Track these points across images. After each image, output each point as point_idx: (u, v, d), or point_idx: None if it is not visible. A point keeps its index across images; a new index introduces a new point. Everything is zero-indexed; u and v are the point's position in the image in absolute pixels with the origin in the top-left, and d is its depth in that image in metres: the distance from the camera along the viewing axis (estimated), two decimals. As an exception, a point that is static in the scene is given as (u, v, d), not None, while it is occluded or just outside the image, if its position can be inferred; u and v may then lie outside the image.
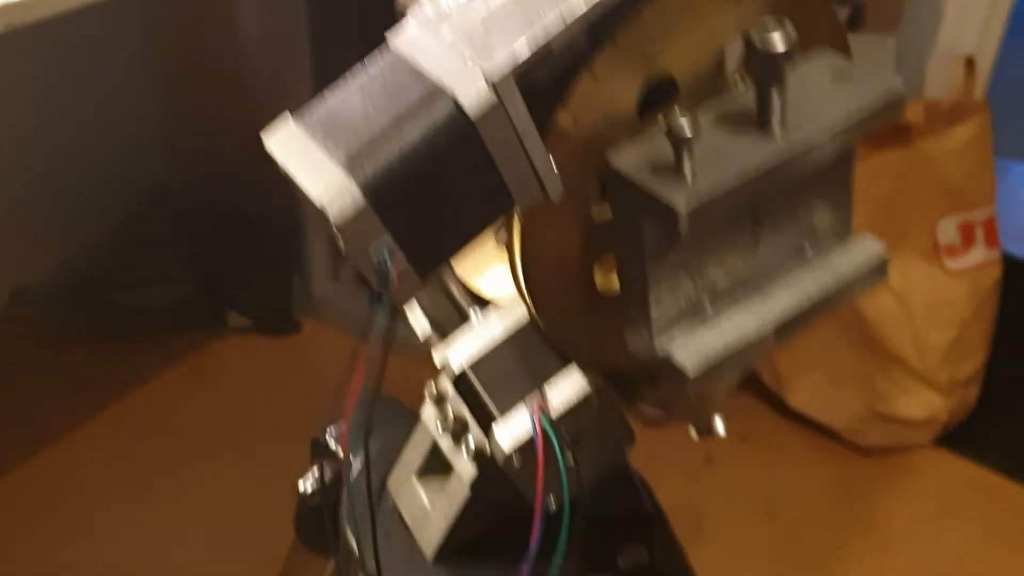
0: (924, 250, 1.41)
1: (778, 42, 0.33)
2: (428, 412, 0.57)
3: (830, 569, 1.34)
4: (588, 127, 0.36)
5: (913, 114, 1.40)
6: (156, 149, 1.70)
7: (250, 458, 1.41)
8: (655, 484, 1.54)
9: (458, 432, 0.53)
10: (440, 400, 0.54)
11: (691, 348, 0.38)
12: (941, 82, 1.45)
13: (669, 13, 0.36)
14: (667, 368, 0.38)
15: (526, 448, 0.42)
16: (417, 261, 0.33)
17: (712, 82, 0.37)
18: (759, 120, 0.35)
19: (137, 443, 1.50)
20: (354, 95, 0.33)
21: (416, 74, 0.32)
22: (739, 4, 0.37)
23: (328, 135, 0.32)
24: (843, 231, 0.41)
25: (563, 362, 0.44)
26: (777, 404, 1.53)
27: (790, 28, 0.34)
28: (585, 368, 0.43)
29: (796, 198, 0.39)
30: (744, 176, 0.34)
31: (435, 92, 0.31)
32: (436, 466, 0.58)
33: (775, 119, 0.35)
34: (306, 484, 0.64)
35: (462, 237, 0.34)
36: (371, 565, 0.56)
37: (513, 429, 0.42)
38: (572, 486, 0.43)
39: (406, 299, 0.33)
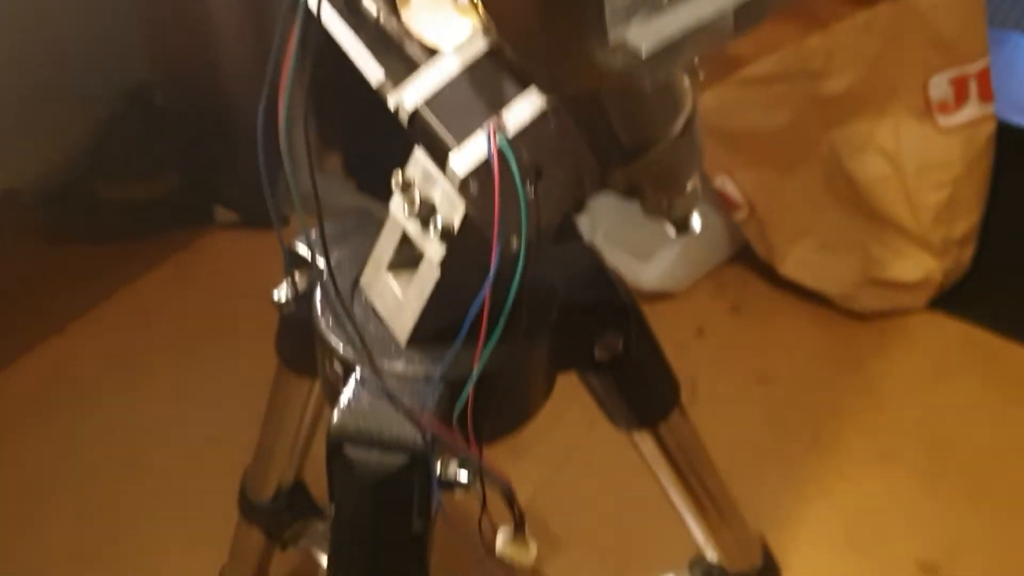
0: (916, 108, 1.39)
1: None
2: (395, 201, 0.56)
3: (824, 432, 1.34)
4: None
5: (902, -33, 1.37)
6: (138, 46, 1.68)
7: (243, 345, 1.41)
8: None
9: (425, 215, 0.52)
10: (406, 187, 0.53)
11: (645, 31, 0.36)
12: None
13: None
14: (622, 59, 0.37)
15: (483, 172, 0.41)
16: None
17: None
18: None
19: (132, 336, 1.50)
20: None
21: None
22: None
23: None
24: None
25: (521, 87, 0.42)
26: (769, 274, 1.52)
27: None
28: (544, 90, 0.42)
29: None
30: None
31: None
32: (407, 259, 0.57)
33: None
34: (280, 293, 0.63)
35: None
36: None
37: (469, 152, 0.41)
38: (534, 217, 0.42)
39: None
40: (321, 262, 0.63)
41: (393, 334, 0.58)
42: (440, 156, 0.43)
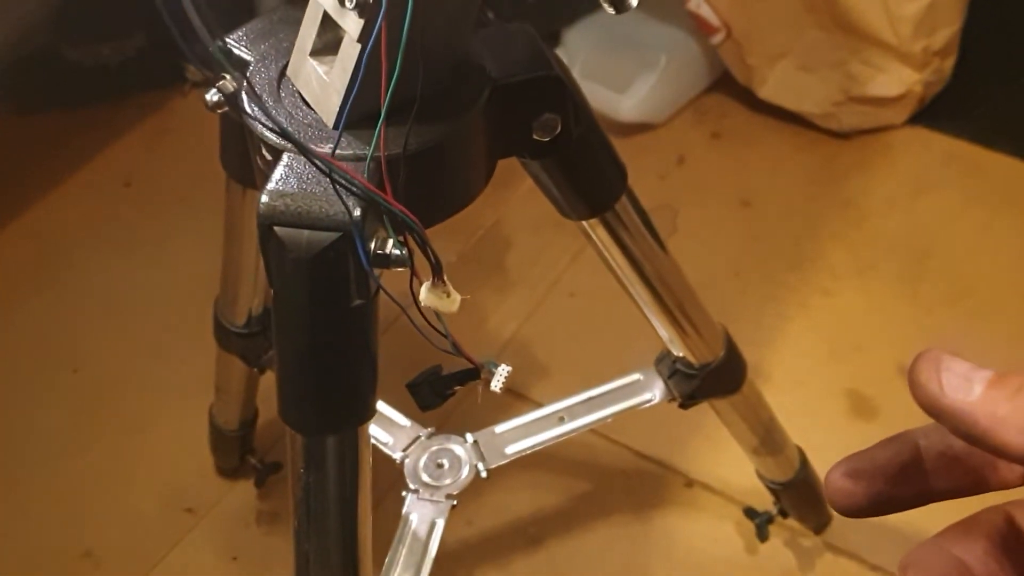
0: (892, -85, 1.35)
1: None
2: (314, -15, 0.56)
3: (805, 249, 1.35)
4: None
5: None
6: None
7: (222, 199, 1.42)
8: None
9: (340, -14, 0.51)
10: (323, -36, 0.52)
11: None
12: None
13: None
14: None
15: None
16: None
17: None
18: None
19: (113, 200, 1.51)
20: None
21: None
22: None
23: None
24: None
25: None
26: (749, 100, 1.50)
27: None
28: None
29: None
30: None
31: None
32: (330, 43, 0.57)
33: None
34: (211, 96, 0.62)
35: None
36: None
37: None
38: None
39: None
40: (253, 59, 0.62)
41: (322, 117, 0.58)
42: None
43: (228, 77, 0.64)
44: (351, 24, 0.53)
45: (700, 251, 1.34)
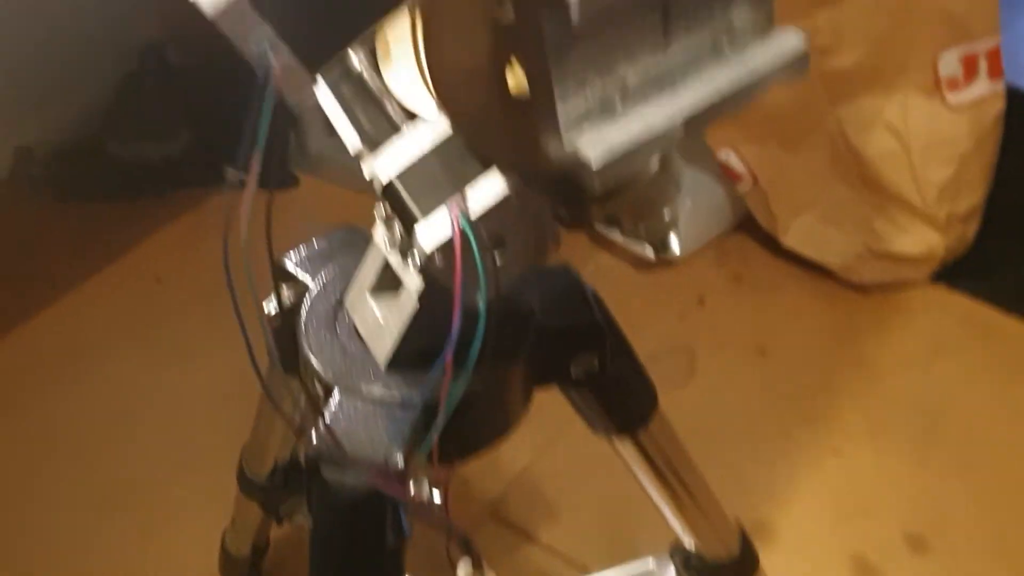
0: (925, 85, 1.38)
1: None
2: (379, 232, 0.58)
3: (819, 405, 1.37)
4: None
5: (915, -59, 1.36)
6: (153, 2, 1.68)
7: (251, 305, 1.45)
8: (647, 324, 1.57)
9: (405, 248, 0.54)
10: (389, 219, 0.55)
11: (596, 140, 0.38)
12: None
13: None
14: (575, 164, 0.39)
15: (447, 248, 0.43)
16: (303, 54, 0.33)
17: None
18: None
19: (143, 295, 1.54)
20: None
21: None
22: None
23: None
24: (764, 26, 0.41)
25: (486, 167, 0.44)
26: (772, 244, 1.53)
27: None
28: (506, 171, 0.44)
29: (707, -8, 0.39)
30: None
31: None
32: (388, 283, 0.60)
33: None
34: (269, 306, 0.66)
35: (351, 30, 0.34)
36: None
37: (434, 229, 0.43)
38: (493, 285, 0.44)
39: (298, 93, 0.34)
40: (309, 282, 0.65)
41: (374, 356, 0.61)
42: (409, 228, 0.45)
43: (286, 290, 0.68)
44: (411, 280, 0.56)
45: (715, 399, 1.37)
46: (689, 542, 0.86)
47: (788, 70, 0.40)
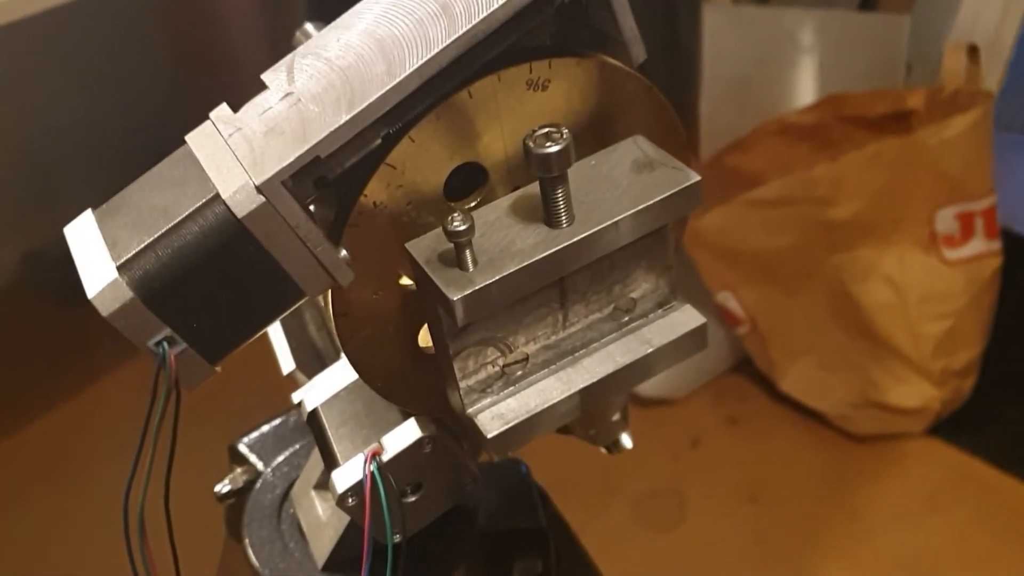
0: (921, 239, 1.40)
1: (550, 145, 0.35)
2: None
3: (809, 556, 1.35)
4: (392, 209, 0.38)
5: (914, 102, 1.38)
6: (161, 112, 1.74)
7: (253, 413, 1.47)
8: (640, 464, 1.57)
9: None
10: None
11: (493, 412, 0.40)
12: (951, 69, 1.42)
13: (471, 111, 0.37)
14: (474, 429, 0.40)
15: (359, 489, 0.44)
16: (204, 351, 0.35)
17: (524, 169, 0.38)
18: (544, 214, 0.37)
19: (139, 406, 1.56)
20: (148, 187, 0.35)
21: (199, 173, 0.34)
22: (546, 95, 0.38)
23: (113, 228, 0.35)
24: (665, 300, 0.42)
25: (402, 411, 0.46)
26: (769, 388, 1.53)
27: (564, 132, 0.35)
28: (421, 415, 0.45)
29: (605, 275, 0.40)
30: (520, 267, 0.36)
31: (210, 192, 0.33)
32: (333, 482, 0.61)
33: (560, 212, 0.36)
34: (222, 488, 0.67)
35: (254, 326, 0.36)
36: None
37: (348, 472, 0.45)
38: (401, 524, 0.46)
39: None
40: (261, 467, 0.67)
41: (313, 555, 0.61)
42: (327, 459, 0.47)
43: (239, 470, 0.69)
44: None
45: (703, 546, 1.35)
46: None
47: (687, 345, 0.42)
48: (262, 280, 0.35)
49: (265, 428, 0.69)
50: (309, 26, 0.52)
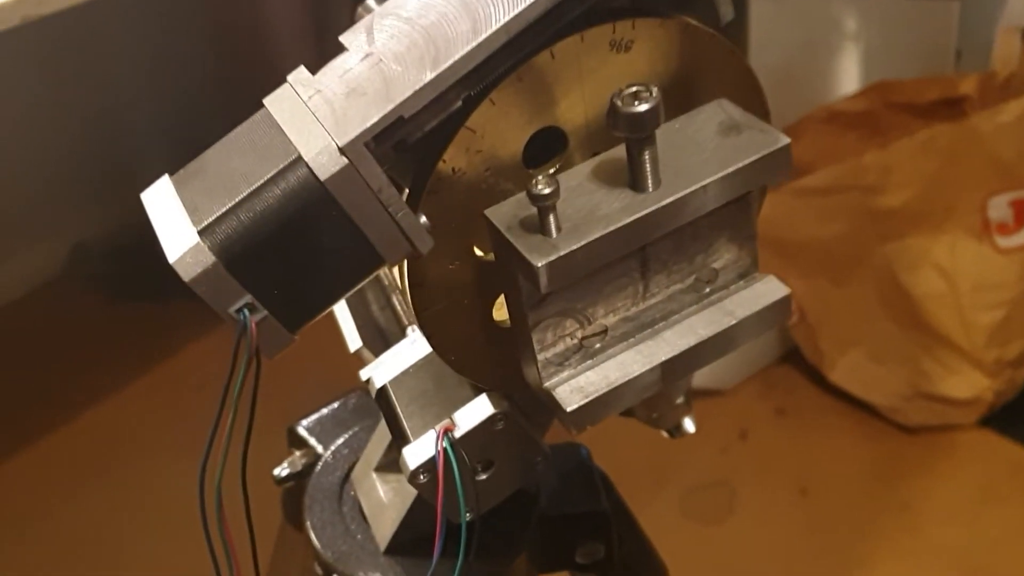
0: (973, 227, 1.37)
1: (639, 104, 0.34)
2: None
3: (860, 549, 1.33)
4: (471, 176, 0.37)
5: (966, 87, 1.36)
6: (210, 105, 1.74)
7: (298, 404, 1.47)
8: (688, 456, 1.55)
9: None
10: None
11: (572, 386, 0.39)
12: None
13: (553, 73, 0.36)
14: (553, 403, 0.39)
15: (431, 466, 0.44)
16: (284, 319, 0.34)
17: (603, 134, 0.37)
18: (630, 177, 0.36)
19: (187, 400, 1.56)
20: (226, 152, 0.35)
21: (280, 136, 0.33)
22: (629, 57, 0.37)
23: (193, 193, 0.34)
24: (747, 271, 0.41)
25: (474, 386, 0.45)
26: (818, 377, 1.51)
27: (654, 90, 0.34)
28: (493, 392, 0.44)
29: (688, 245, 0.39)
30: (606, 232, 0.35)
31: (292, 155, 0.33)
32: (394, 463, 0.60)
33: (646, 176, 0.35)
34: (281, 472, 0.67)
35: (334, 294, 0.35)
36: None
37: (420, 448, 0.44)
38: (474, 503, 0.45)
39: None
40: (320, 450, 0.66)
41: (375, 537, 0.61)
42: (397, 437, 0.46)
43: (298, 453, 0.69)
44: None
45: (754, 538, 1.34)
46: None
47: (769, 316, 0.40)
48: (343, 246, 0.34)
49: (324, 411, 0.69)
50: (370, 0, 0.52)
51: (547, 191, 0.34)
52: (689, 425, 0.67)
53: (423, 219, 0.35)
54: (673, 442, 1.49)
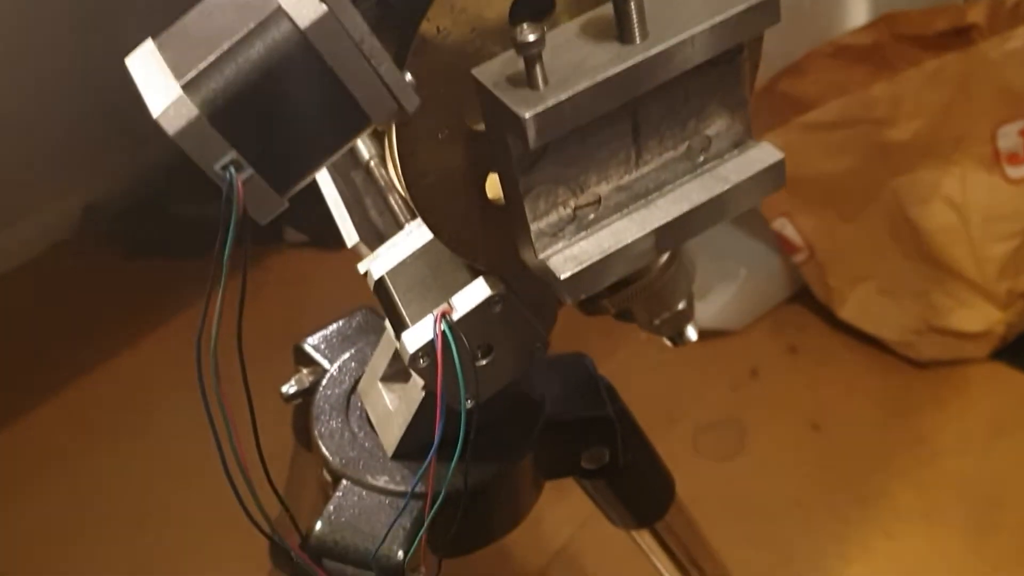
0: (983, 158, 1.36)
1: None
2: (389, 321, 0.59)
3: (873, 482, 1.33)
4: (456, 37, 0.37)
5: (975, 16, 1.34)
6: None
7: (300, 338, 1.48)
8: (698, 395, 1.55)
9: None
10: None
11: (566, 255, 0.38)
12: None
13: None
14: (547, 274, 0.39)
15: (430, 350, 0.43)
16: (271, 178, 0.34)
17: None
18: (617, 29, 0.35)
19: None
20: (207, 11, 0.34)
21: (261, -10, 0.33)
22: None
23: (176, 52, 0.34)
24: (741, 139, 0.41)
25: (471, 269, 0.45)
26: (828, 317, 1.50)
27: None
28: (490, 275, 0.44)
29: (679, 108, 0.39)
30: (594, 83, 0.34)
31: (272, 6, 0.32)
32: (398, 372, 0.60)
33: (633, 27, 0.35)
34: (289, 388, 0.67)
35: (320, 155, 0.35)
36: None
37: (419, 332, 0.44)
38: (475, 387, 0.45)
39: (268, 215, 0.35)
40: (327, 365, 0.66)
41: (382, 444, 0.61)
42: (396, 327, 0.46)
43: (305, 371, 0.69)
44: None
45: (765, 475, 1.34)
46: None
47: (763, 182, 0.40)
48: (327, 102, 0.34)
49: (330, 328, 0.69)
50: None
51: (533, 38, 0.34)
52: (692, 333, 0.67)
53: (408, 77, 0.35)
54: (683, 381, 1.50)
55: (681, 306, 0.65)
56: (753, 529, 1.27)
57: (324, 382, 0.65)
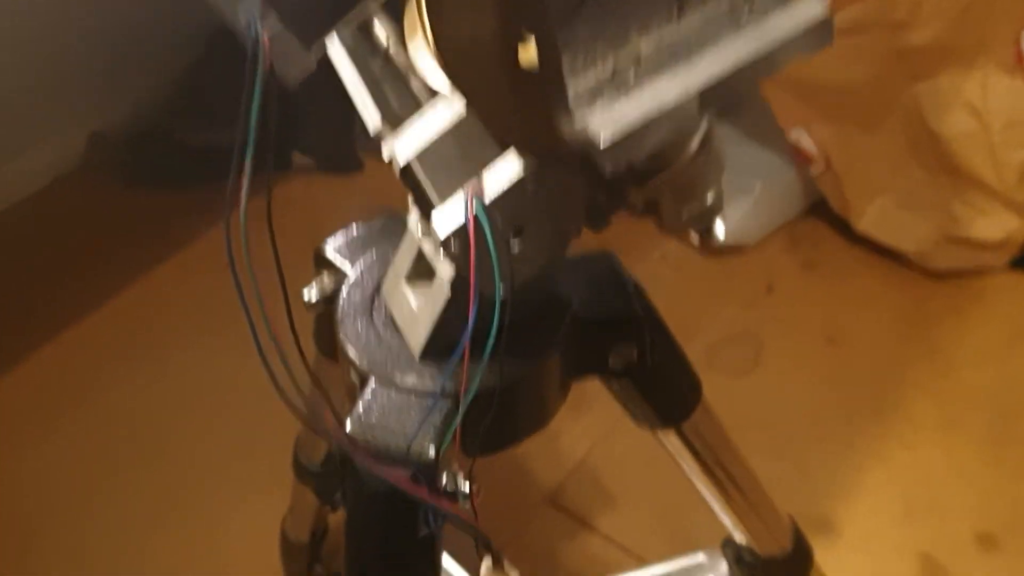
0: (1006, 61, 1.32)
1: None
2: (413, 219, 0.57)
3: (890, 394, 1.32)
4: None
5: (997, -89, 1.30)
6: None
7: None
8: (714, 310, 1.54)
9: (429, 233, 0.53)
10: (420, 205, 0.54)
11: (604, 119, 0.36)
12: None
13: None
14: (585, 142, 0.37)
15: (462, 233, 0.42)
16: (296, 27, 0.32)
17: None
18: None
19: (212, 281, 1.55)
20: None
21: None
22: None
23: None
24: (785, -7, 0.39)
25: (503, 148, 0.43)
26: (844, 229, 1.48)
27: None
28: (523, 153, 0.42)
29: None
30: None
31: None
32: (422, 271, 0.59)
33: None
34: (310, 293, 0.65)
35: (344, 4, 0.33)
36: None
37: (449, 216, 0.42)
38: (508, 273, 0.43)
39: (295, 76, 0.33)
40: (348, 269, 0.65)
41: (408, 343, 0.59)
42: (426, 211, 0.44)
43: (326, 277, 0.67)
44: (443, 269, 0.54)
45: (780, 389, 1.33)
46: (740, 536, 0.83)
47: (809, 39, 0.38)
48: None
49: (351, 231, 0.67)
50: None
51: None
52: (720, 229, 0.65)
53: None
54: (698, 297, 1.48)
55: (710, 199, 0.63)
56: (768, 442, 1.26)
57: (347, 285, 0.63)
